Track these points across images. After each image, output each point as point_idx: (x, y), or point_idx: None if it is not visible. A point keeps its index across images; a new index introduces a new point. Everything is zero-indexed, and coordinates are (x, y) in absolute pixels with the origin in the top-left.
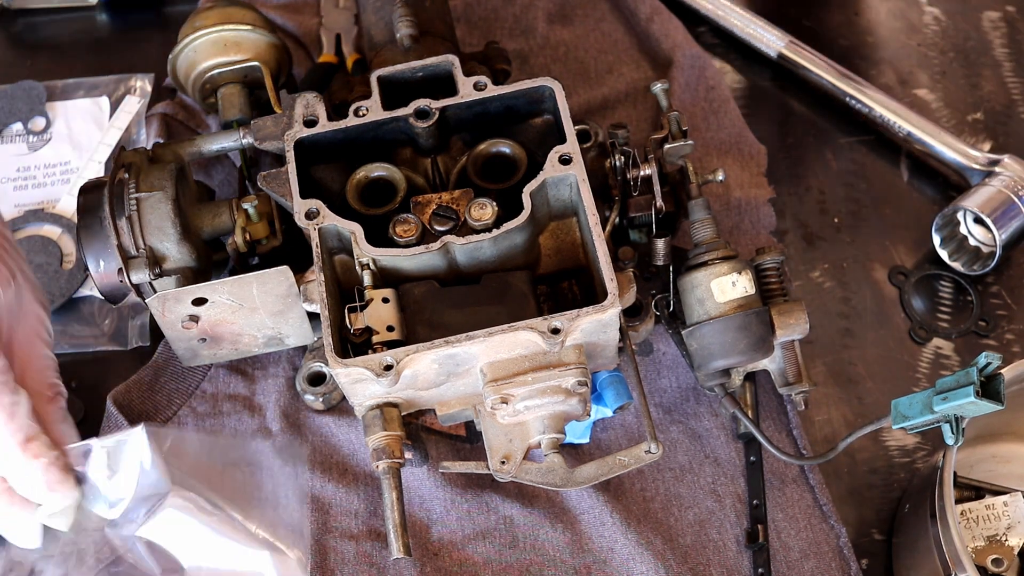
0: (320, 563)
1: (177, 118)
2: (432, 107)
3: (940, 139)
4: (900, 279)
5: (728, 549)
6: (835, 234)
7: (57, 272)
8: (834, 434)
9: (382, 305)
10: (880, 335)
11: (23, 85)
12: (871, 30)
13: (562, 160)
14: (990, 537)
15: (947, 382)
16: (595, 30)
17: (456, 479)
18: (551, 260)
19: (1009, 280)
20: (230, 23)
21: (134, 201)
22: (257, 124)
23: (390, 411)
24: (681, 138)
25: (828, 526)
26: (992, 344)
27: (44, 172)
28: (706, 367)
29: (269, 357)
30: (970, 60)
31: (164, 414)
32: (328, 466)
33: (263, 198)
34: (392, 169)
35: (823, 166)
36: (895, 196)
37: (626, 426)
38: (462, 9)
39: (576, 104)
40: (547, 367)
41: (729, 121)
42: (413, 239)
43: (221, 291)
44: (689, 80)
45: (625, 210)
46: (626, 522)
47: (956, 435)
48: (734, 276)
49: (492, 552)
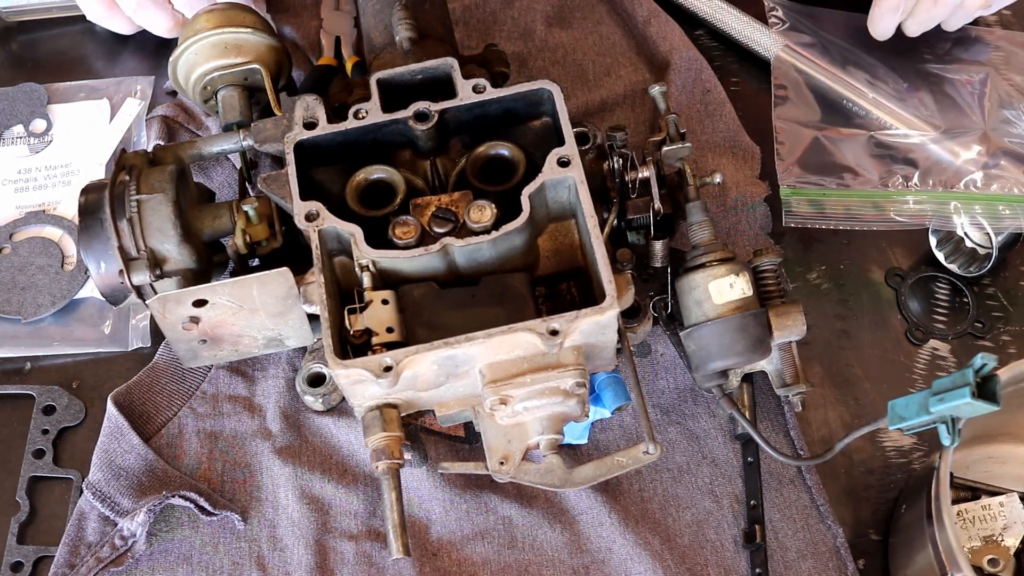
0: (320, 563)
1: (177, 120)
2: (431, 110)
3: (938, 142)
4: (897, 281)
5: (725, 549)
6: (832, 236)
7: (58, 274)
8: (831, 435)
9: (381, 306)
10: (877, 336)
11: (24, 87)
12: None
13: (561, 162)
14: (986, 537)
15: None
16: (593, 33)
17: (455, 480)
18: (550, 262)
19: (1005, 282)
20: (230, 26)
21: (135, 203)
22: (257, 126)
23: (389, 412)
24: (679, 140)
25: (825, 526)
26: (988, 346)
27: (45, 174)
28: (704, 368)
29: (269, 358)
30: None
31: (164, 415)
32: (328, 467)
33: (263, 200)
34: (391, 171)
35: None
36: None
37: (624, 427)
38: (461, 12)
39: (574, 106)
40: (546, 368)
41: (724, 124)
42: (412, 241)
43: (221, 293)
44: (686, 83)
45: (623, 212)
46: (624, 522)
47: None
48: (732, 278)
49: (491, 552)
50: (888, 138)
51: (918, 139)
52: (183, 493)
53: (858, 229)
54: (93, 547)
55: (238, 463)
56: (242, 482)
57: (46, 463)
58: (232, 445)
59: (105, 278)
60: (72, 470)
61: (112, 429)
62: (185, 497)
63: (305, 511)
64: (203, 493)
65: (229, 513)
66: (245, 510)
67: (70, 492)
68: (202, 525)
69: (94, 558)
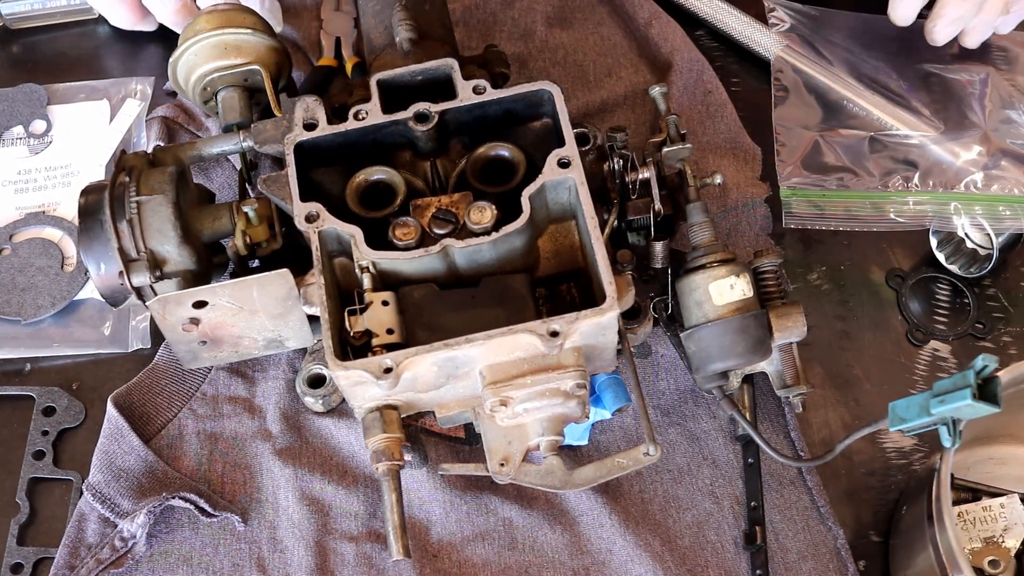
0: (320, 564)
1: (177, 121)
2: (431, 111)
3: (939, 143)
4: (897, 281)
5: (726, 551)
6: (832, 236)
7: (58, 275)
8: (832, 436)
9: (382, 308)
10: (877, 337)
11: (24, 88)
12: None
13: (561, 163)
14: (987, 539)
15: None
16: (594, 34)
17: (455, 481)
18: (550, 263)
19: (1006, 283)
20: (230, 27)
21: (135, 204)
22: (257, 127)
23: (389, 413)
24: (679, 141)
25: (826, 528)
26: (989, 347)
27: (45, 175)
28: (704, 369)
29: (269, 359)
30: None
31: (164, 416)
32: (328, 468)
33: (263, 201)
34: (391, 172)
35: None
36: None
37: (625, 428)
38: (461, 12)
39: (575, 107)
40: (546, 369)
41: (726, 125)
42: (412, 242)
43: (221, 294)
44: (687, 83)
45: (624, 213)
46: (624, 524)
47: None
48: (732, 279)
49: (491, 553)
50: (888, 139)
51: (918, 140)
52: (183, 494)
53: (858, 230)
54: (93, 548)
55: (238, 464)
56: (242, 483)
57: (46, 464)
58: (232, 446)
59: (105, 279)
60: (72, 471)
61: (112, 430)
62: (185, 498)
63: (305, 512)
64: (203, 494)
65: (229, 514)
66: (245, 511)
67: (70, 493)
68: (202, 526)
69: (94, 559)
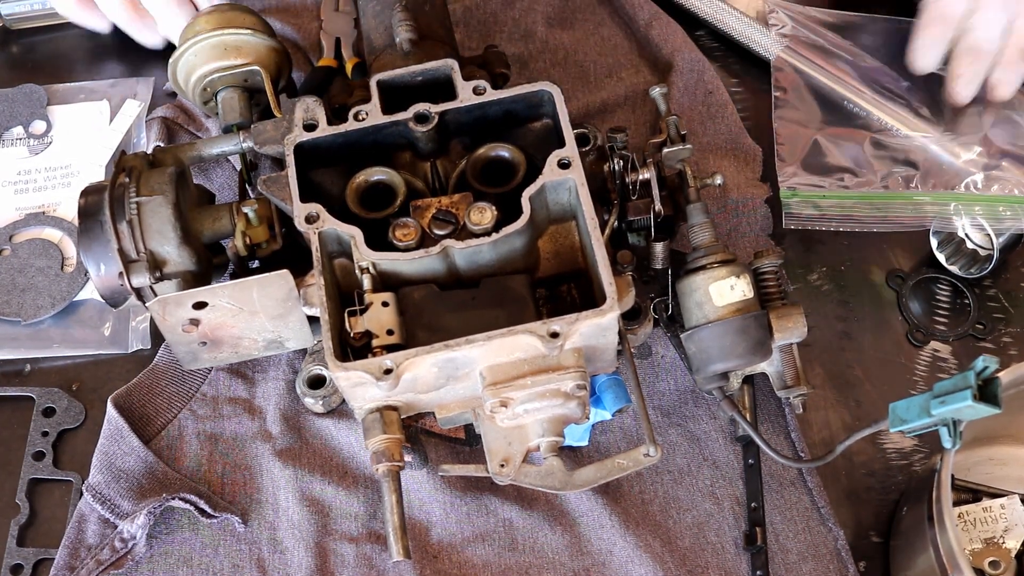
0: (320, 565)
1: (177, 122)
2: (431, 111)
3: (939, 143)
4: (898, 282)
5: (726, 551)
6: (833, 237)
7: (58, 275)
8: (832, 437)
9: (382, 309)
10: (878, 338)
11: (24, 89)
12: None
13: (561, 164)
14: (987, 540)
15: (944, 386)
16: (595, 34)
17: (455, 482)
18: (550, 264)
19: (1006, 283)
20: (230, 27)
21: (134, 205)
22: (257, 128)
23: (390, 414)
24: (680, 142)
25: (826, 528)
26: (989, 347)
27: (45, 176)
28: (705, 370)
29: (269, 360)
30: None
31: (164, 417)
32: (328, 469)
33: (263, 202)
34: (391, 173)
35: None
36: None
37: (625, 429)
38: (461, 13)
39: (575, 108)
40: (546, 370)
41: (726, 126)
42: (412, 243)
43: (221, 295)
44: (688, 84)
45: (624, 214)
46: (625, 525)
47: (953, 438)
48: (732, 280)
49: (491, 554)
50: (889, 139)
51: (919, 140)
52: (183, 495)
53: (859, 230)
54: (93, 549)
55: (238, 465)
56: (242, 484)
57: (46, 465)
58: (232, 447)
59: (105, 280)
60: (72, 472)
61: (112, 431)
62: (185, 499)
63: (305, 513)
64: (203, 495)
65: (229, 515)
66: (245, 512)
67: (70, 494)
68: (202, 527)
69: (94, 560)
